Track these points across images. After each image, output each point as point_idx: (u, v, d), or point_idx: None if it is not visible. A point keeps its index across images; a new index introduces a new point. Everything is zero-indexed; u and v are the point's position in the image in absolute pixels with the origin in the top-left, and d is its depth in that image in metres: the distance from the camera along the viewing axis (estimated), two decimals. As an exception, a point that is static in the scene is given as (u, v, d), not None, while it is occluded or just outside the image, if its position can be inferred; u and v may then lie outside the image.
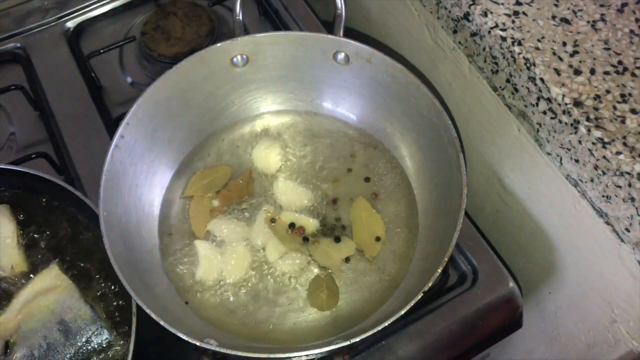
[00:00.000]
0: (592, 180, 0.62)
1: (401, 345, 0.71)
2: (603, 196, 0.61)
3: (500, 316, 0.75)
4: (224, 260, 0.73)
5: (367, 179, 0.80)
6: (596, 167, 0.60)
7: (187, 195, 0.78)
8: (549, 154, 0.67)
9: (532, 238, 0.80)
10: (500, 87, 0.70)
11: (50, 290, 0.66)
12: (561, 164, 0.65)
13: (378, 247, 0.75)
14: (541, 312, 0.85)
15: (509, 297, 0.75)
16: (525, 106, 0.67)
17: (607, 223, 0.63)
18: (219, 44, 0.75)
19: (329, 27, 0.94)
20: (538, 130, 0.66)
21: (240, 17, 0.77)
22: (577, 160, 0.62)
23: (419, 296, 0.58)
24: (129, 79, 0.94)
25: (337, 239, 0.74)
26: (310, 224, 0.76)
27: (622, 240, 0.62)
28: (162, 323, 0.58)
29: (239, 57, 0.78)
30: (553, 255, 0.77)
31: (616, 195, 0.59)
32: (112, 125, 0.86)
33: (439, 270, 0.59)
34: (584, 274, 0.73)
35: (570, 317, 0.79)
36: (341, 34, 0.76)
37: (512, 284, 0.75)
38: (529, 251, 0.82)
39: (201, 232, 0.76)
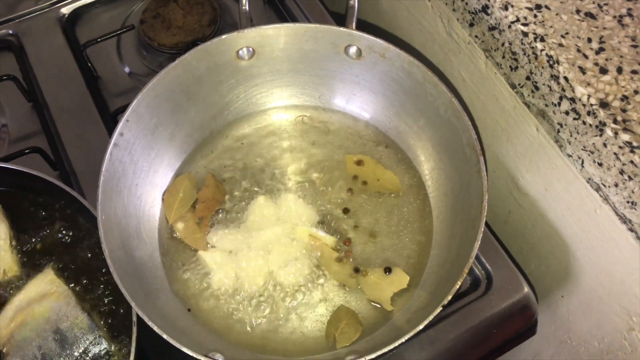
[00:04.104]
0: (616, 185, 0.59)
1: (412, 354, 0.69)
2: (628, 202, 0.59)
3: (514, 324, 0.73)
4: (239, 267, 0.70)
5: (378, 180, 0.76)
6: (622, 172, 0.57)
7: (173, 222, 0.73)
8: (569, 155, 0.64)
9: (546, 240, 0.78)
10: (519, 84, 0.67)
11: (45, 296, 0.64)
12: (582, 166, 0.63)
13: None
14: (552, 315, 0.83)
15: (524, 304, 0.73)
16: (546, 105, 0.64)
17: (631, 230, 0.61)
18: (224, 36, 0.72)
19: (335, 16, 0.91)
20: (559, 131, 0.64)
21: (247, 8, 0.73)
22: (600, 164, 0.60)
23: (438, 310, 0.56)
24: (127, 69, 0.90)
25: (388, 270, 0.70)
26: (327, 240, 0.72)
27: (647, 249, 0.60)
28: (165, 337, 0.55)
29: (244, 49, 0.75)
30: (568, 259, 0.75)
31: (643, 202, 0.56)
32: (109, 117, 0.84)
33: (459, 283, 0.57)
34: (601, 279, 0.71)
35: (584, 322, 0.77)
36: (354, 26, 0.73)
37: (527, 290, 0.73)
38: (543, 254, 0.80)
39: (202, 245, 0.72)
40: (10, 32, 0.92)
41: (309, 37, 0.74)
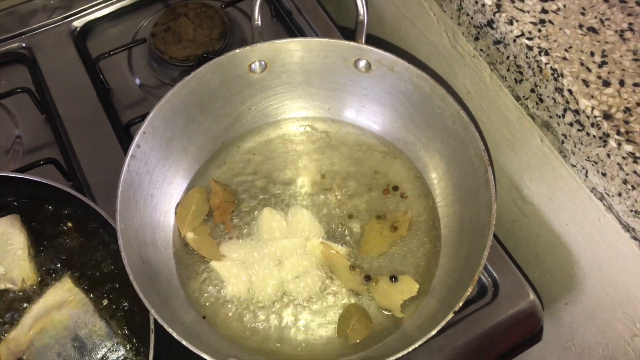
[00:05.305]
0: (619, 195, 0.60)
1: (421, 360, 0.70)
2: (631, 211, 0.60)
3: (521, 331, 0.74)
4: (251, 277, 0.71)
5: (386, 190, 0.78)
6: (625, 182, 0.58)
7: (185, 233, 0.74)
8: (573, 165, 0.65)
9: (550, 249, 0.78)
10: (524, 96, 0.68)
11: (64, 304, 0.65)
12: (586, 176, 0.64)
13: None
14: (556, 322, 0.84)
15: (530, 311, 0.73)
16: (550, 117, 0.65)
17: (634, 238, 0.62)
18: (237, 50, 0.73)
19: (341, 30, 0.92)
20: (563, 142, 0.65)
21: (259, 23, 0.74)
22: (604, 174, 0.61)
23: (450, 316, 0.57)
24: (138, 81, 0.91)
25: (394, 278, 0.71)
26: (339, 249, 0.73)
27: (650, 257, 0.61)
28: (184, 343, 0.56)
29: (257, 63, 0.76)
30: (572, 267, 0.75)
31: (646, 212, 0.57)
32: (121, 129, 0.85)
33: (470, 289, 0.58)
34: (605, 287, 0.72)
35: (588, 329, 0.78)
36: (363, 40, 0.74)
37: (533, 297, 0.74)
38: (546, 261, 0.81)
39: (215, 256, 0.73)
40: (24, 45, 0.93)
41: (320, 51, 0.75)
